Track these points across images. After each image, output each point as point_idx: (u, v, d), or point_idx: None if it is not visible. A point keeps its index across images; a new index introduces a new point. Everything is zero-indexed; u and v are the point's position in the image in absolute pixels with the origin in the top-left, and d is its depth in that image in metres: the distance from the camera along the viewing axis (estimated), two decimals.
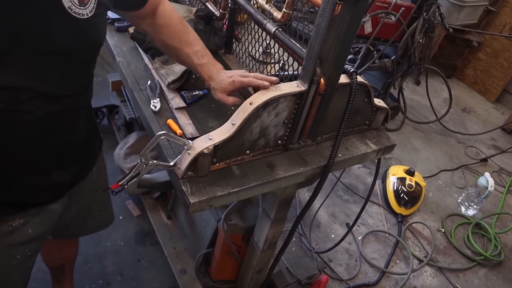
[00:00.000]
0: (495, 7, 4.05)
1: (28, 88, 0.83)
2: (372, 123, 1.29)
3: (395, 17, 2.69)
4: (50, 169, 1.03)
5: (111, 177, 2.44)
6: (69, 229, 1.39)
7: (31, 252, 1.14)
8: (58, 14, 0.81)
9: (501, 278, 2.43)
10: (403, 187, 2.65)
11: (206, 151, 0.93)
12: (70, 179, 1.12)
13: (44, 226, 1.13)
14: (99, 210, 1.46)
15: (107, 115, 2.79)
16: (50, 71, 0.85)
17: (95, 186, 1.31)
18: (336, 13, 0.88)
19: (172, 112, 1.20)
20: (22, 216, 1.06)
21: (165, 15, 1.11)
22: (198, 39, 1.12)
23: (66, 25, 0.83)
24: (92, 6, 0.86)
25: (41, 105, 0.87)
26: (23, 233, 1.07)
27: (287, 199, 1.28)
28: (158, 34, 1.12)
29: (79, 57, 0.91)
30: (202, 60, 1.08)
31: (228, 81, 1.03)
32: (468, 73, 4.50)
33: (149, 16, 1.10)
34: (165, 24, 1.11)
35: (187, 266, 1.91)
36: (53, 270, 1.73)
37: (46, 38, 0.81)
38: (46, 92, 0.86)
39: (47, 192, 1.08)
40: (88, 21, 0.85)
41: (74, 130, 1.03)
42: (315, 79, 0.99)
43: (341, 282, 2.19)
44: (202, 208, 0.95)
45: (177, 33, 1.11)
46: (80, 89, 0.98)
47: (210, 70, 1.07)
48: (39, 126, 0.91)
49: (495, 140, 3.71)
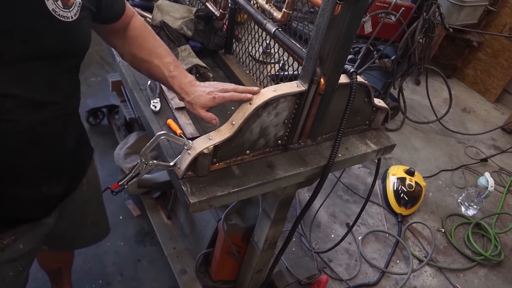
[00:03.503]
0: (495, 7, 4.05)
1: (14, 95, 0.80)
2: (372, 123, 1.29)
3: (395, 17, 2.69)
4: (40, 182, 0.99)
5: (111, 177, 2.47)
6: (63, 241, 1.36)
7: (23, 267, 1.11)
8: (42, 16, 0.79)
9: (501, 278, 2.43)
10: (403, 187, 2.65)
11: (206, 151, 0.93)
12: (61, 192, 1.09)
13: (35, 240, 1.10)
14: (93, 223, 1.42)
15: (107, 115, 2.79)
16: (35, 76, 0.83)
17: (86, 198, 1.27)
18: (336, 13, 0.88)
19: (172, 112, 1.20)
20: (13, 233, 1.02)
21: (136, 28, 1.08)
22: (170, 52, 1.08)
23: (50, 28, 0.81)
24: (76, 9, 0.85)
25: (27, 114, 0.84)
26: (14, 249, 1.04)
27: (287, 199, 1.28)
28: (128, 47, 1.08)
29: (64, 62, 0.89)
30: (173, 72, 1.03)
31: (208, 97, 0.97)
32: (468, 73, 4.50)
33: (122, 30, 1.08)
34: (136, 36, 1.07)
35: (187, 266, 1.91)
36: (50, 273, 1.73)
37: (30, 41, 0.79)
38: (32, 99, 0.83)
39: (38, 206, 1.05)
40: (73, 24, 0.84)
41: (62, 139, 0.99)
42: (315, 79, 0.99)
43: (341, 282, 2.18)
44: (202, 208, 0.95)
45: (148, 45, 1.07)
46: (67, 96, 0.94)
47: (181, 83, 1.01)
48: (26, 136, 0.87)
49: (495, 140, 3.71)
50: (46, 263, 1.68)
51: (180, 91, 1.01)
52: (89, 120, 2.76)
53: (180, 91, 1.01)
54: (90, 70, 3.31)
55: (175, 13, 1.48)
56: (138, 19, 1.10)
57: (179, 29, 1.44)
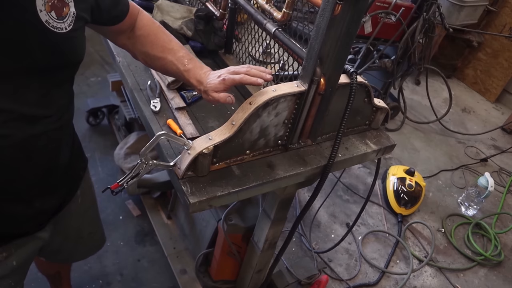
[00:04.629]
0: (495, 7, 4.05)
1: (3, 109, 0.77)
2: (372, 123, 1.29)
3: (395, 17, 2.69)
4: (33, 196, 0.96)
5: (111, 177, 2.47)
6: (60, 254, 1.35)
7: (16, 282, 1.09)
8: (35, 28, 0.76)
9: (501, 278, 2.43)
10: (403, 187, 2.65)
11: (206, 151, 0.93)
12: (54, 206, 1.07)
13: (28, 255, 1.08)
14: (91, 233, 1.40)
15: (107, 115, 2.79)
16: (27, 90, 0.80)
17: (81, 210, 1.25)
18: (336, 13, 0.88)
19: (172, 112, 1.20)
20: (5, 249, 1.00)
21: (144, 25, 1.06)
22: (181, 45, 1.06)
23: (43, 40, 0.78)
24: (70, 19, 0.82)
25: (19, 128, 0.81)
26: (7, 266, 1.02)
27: (287, 199, 1.28)
28: (139, 46, 1.06)
29: (57, 74, 0.86)
30: (187, 66, 1.01)
31: (218, 80, 0.95)
32: (468, 73, 4.50)
33: (128, 30, 1.05)
34: (146, 34, 1.05)
35: (187, 266, 1.91)
36: (49, 277, 1.73)
37: (21, 54, 0.76)
38: (23, 113, 0.80)
39: (30, 221, 1.02)
40: (66, 35, 0.81)
41: (56, 153, 0.96)
42: (315, 79, 0.99)
43: (341, 282, 2.19)
44: (202, 208, 0.95)
45: (159, 42, 1.05)
46: (60, 109, 0.91)
47: (197, 74, 0.99)
48: (18, 150, 0.84)
49: (495, 140, 3.71)
50: (44, 269, 1.68)
51: (197, 83, 0.99)
52: (89, 120, 2.76)
53: (197, 84, 0.99)
54: (90, 70, 3.31)
55: (175, 13, 1.48)
56: (145, 16, 1.08)
57: (179, 29, 1.44)
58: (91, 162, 2.51)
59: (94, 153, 2.61)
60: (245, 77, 0.94)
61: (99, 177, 2.46)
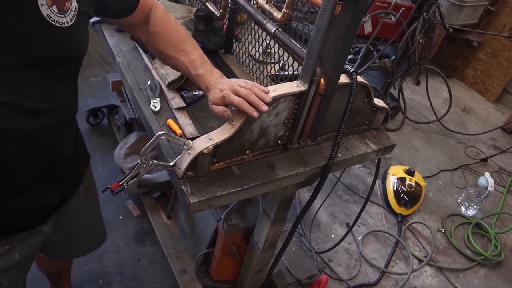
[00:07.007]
0: (495, 7, 4.05)
1: (5, 103, 0.78)
2: (372, 123, 1.29)
3: (395, 17, 2.69)
4: (36, 190, 0.97)
5: (111, 177, 2.47)
6: (61, 250, 1.35)
7: (18, 275, 1.09)
8: (36, 23, 0.76)
9: (501, 278, 2.43)
10: (403, 187, 2.65)
11: (206, 151, 0.93)
12: (57, 200, 1.07)
13: (31, 249, 1.09)
14: (92, 229, 1.40)
15: (107, 115, 2.79)
16: (28, 84, 0.80)
17: (83, 205, 1.26)
18: (336, 13, 0.88)
19: (172, 112, 1.20)
20: (7, 242, 1.01)
21: (158, 22, 1.05)
22: (195, 46, 1.05)
23: (44, 34, 0.78)
24: (72, 14, 0.82)
25: (22, 122, 0.82)
26: (9, 259, 1.02)
27: (287, 199, 1.28)
28: (153, 42, 1.06)
29: (59, 69, 0.86)
30: (198, 71, 1.00)
31: (220, 95, 0.95)
32: (468, 73, 4.50)
33: (142, 23, 1.05)
34: (160, 32, 1.04)
35: (187, 266, 1.91)
36: (50, 276, 1.73)
37: (23, 48, 0.76)
38: (25, 107, 0.81)
39: (33, 214, 1.03)
40: (68, 30, 0.81)
41: (59, 147, 0.97)
42: (315, 79, 0.99)
43: (341, 282, 2.19)
44: (202, 208, 0.95)
45: (173, 42, 1.04)
46: (63, 103, 0.91)
47: (206, 81, 0.99)
48: (22, 144, 0.85)
49: (495, 140, 3.71)
50: (45, 267, 1.68)
51: (205, 89, 1.00)
52: (89, 120, 2.76)
53: (205, 90, 1.00)
54: (90, 70, 3.32)
55: (175, 13, 1.48)
56: (160, 12, 1.06)
57: None
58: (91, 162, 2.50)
59: (94, 153, 2.61)
60: (243, 104, 0.93)
61: (99, 177, 2.46)
